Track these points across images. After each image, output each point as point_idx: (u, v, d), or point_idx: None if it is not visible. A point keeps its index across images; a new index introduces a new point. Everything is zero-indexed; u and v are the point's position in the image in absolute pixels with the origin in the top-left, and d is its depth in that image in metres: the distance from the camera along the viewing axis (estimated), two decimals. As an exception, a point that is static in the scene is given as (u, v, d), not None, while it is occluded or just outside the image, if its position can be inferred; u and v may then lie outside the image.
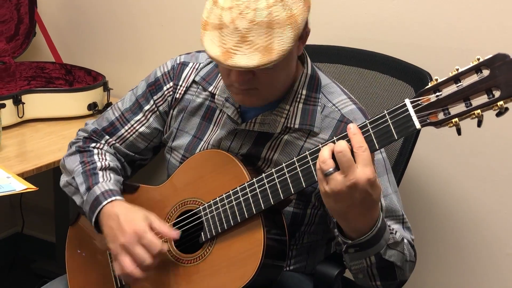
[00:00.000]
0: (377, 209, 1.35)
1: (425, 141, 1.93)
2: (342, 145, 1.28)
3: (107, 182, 1.63)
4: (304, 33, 1.47)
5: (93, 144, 1.73)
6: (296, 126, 1.56)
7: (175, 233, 1.53)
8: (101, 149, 1.73)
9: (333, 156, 1.29)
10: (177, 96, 1.69)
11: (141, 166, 1.82)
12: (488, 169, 2.05)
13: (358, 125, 1.32)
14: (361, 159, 1.27)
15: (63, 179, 1.72)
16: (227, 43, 1.39)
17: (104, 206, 1.57)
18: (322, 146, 1.34)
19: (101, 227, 1.58)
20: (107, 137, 1.74)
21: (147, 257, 1.49)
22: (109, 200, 1.58)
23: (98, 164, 1.67)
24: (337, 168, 1.29)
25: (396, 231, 1.46)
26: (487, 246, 2.11)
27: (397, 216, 1.53)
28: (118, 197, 1.59)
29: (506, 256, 2.09)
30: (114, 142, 1.74)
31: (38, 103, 2.40)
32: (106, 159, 1.70)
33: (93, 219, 1.59)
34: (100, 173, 1.65)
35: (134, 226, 1.50)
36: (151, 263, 1.49)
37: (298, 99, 1.56)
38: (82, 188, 1.63)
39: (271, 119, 1.56)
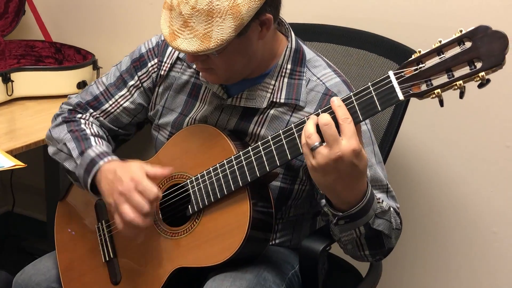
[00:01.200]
0: (365, 180, 1.36)
1: (412, 119, 1.94)
2: (326, 118, 1.29)
3: (100, 145, 1.64)
4: (265, 19, 1.46)
5: (79, 115, 1.74)
6: (282, 100, 1.57)
7: (167, 170, 1.53)
8: (87, 119, 1.74)
9: (318, 130, 1.30)
10: (162, 73, 1.70)
11: (124, 141, 1.83)
12: (474, 148, 2.06)
13: (342, 97, 1.33)
14: (346, 130, 1.28)
15: (52, 147, 1.73)
16: (173, 25, 1.43)
17: (101, 166, 1.58)
18: (307, 119, 1.35)
19: (99, 185, 1.58)
20: (91, 110, 1.75)
21: (145, 203, 1.48)
22: (106, 160, 1.59)
23: (88, 131, 1.68)
24: (322, 141, 1.30)
25: (382, 200, 1.48)
26: (473, 224, 2.13)
27: (382, 186, 1.55)
28: (114, 157, 1.61)
29: (492, 234, 2.11)
30: (98, 115, 1.75)
31: (27, 81, 2.40)
32: (93, 128, 1.71)
33: (89, 180, 1.59)
34: (92, 138, 1.66)
35: (130, 174, 1.51)
36: (149, 209, 1.49)
37: (283, 74, 1.57)
38: (75, 153, 1.64)
39: (256, 94, 1.57)
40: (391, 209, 1.50)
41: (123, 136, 1.80)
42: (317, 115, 1.33)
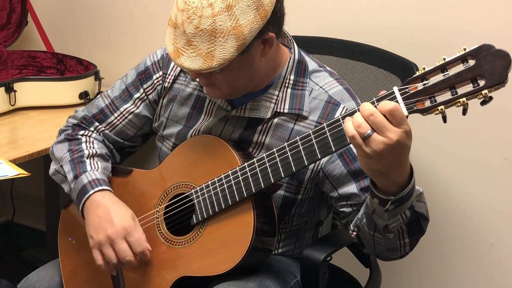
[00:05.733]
0: (408, 159, 1.35)
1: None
2: (368, 108, 1.27)
3: (94, 171, 1.67)
4: (267, 38, 1.49)
5: (82, 132, 1.76)
6: (286, 110, 1.59)
7: (146, 246, 1.59)
8: (89, 136, 1.76)
9: None
10: (166, 85, 1.73)
11: (130, 153, 1.86)
12: (472, 159, 2.09)
13: (348, 112, 1.35)
14: (395, 117, 1.26)
15: (52, 167, 1.76)
16: (177, 42, 1.46)
17: (91, 195, 1.62)
18: (341, 117, 1.35)
19: (86, 214, 1.62)
20: (96, 123, 1.77)
21: (130, 255, 1.57)
22: (96, 189, 1.62)
23: (86, 152, 1.71)
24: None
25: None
26: (470, 235, 2.15)
27: None
28: (105, 187, 1.64)
29: (489, 245, 2.13)
30: (103, 128, 1.77)
31: (30, 91, 2.42)
32: (93, 147, 1.73)
33: (80, 207, 1.64)
34: (88, 161, 1.69)
35: (123, 221, 1.57)
36: (132, 260, 1.57)
37: (286, 84, 1.60)
38: (70, 176, 1.68)
39: (261, 104, 1.60)
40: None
41: (129, 148, 1.82)
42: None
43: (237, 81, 1.55)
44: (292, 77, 1.61)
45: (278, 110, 1.60)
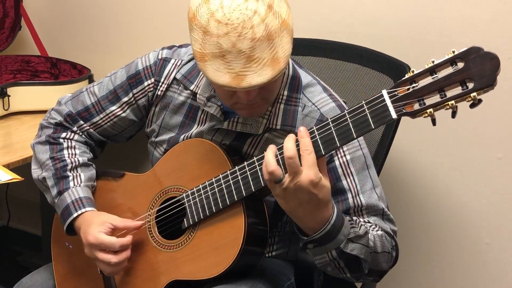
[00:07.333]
0: (328, 207, 1.40)
1: (405, 132, 1.96)
2: (292, 151, 1.34)
3: (77, 187, 1.68)
4: None
5: (64, 134, 1.75)
6: (278, 127, 1.59)
7: (138, 223, 1.63)
8: (71, 139, 1.75)
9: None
10: (159, 93, 1.71)
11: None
12: (467, 160, 2.08)
13: (337, 115, 1.35)
14: (305, 161, 1.35)
15: (35, 171, 1.76)
16: (234, 67, 1.39)
17: (74, 218, 1.65)
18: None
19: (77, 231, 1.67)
20: (81, 122, 1.76)
21: (111, 257, 1.58)
22: (79, 212, 1.65)
23: (68, 161, 1.70)
24: (283, 170, 1.36)
25: (361, 225, 1.48)
26: (466, 236, 2.15)
27: (377, 211, 1.55)
28: (87, 209, 1.65)
29: (485, 245, 2.12)
30: (88, 127, 1.76)
31: (23, 96, 2.42)
32: (75, 154, 1.73)
33: (64, 228, 1.67)
34: (71, 175, 1.69)
35: (88, 239, 1.59)
36: (117, 259, 1.58)
37: (279, 100, 1.59)
38: (54, 191, 1.69)
39: (253, 119, 1.59)
40: (379, 232, 1.51)
41: (111, 142, 1.84)
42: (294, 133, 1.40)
43: (278, 84, 1.56)
44: (285, 93, 1.59)
45: (271, 126, 1.59)
